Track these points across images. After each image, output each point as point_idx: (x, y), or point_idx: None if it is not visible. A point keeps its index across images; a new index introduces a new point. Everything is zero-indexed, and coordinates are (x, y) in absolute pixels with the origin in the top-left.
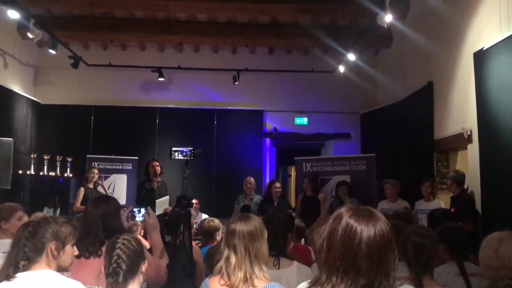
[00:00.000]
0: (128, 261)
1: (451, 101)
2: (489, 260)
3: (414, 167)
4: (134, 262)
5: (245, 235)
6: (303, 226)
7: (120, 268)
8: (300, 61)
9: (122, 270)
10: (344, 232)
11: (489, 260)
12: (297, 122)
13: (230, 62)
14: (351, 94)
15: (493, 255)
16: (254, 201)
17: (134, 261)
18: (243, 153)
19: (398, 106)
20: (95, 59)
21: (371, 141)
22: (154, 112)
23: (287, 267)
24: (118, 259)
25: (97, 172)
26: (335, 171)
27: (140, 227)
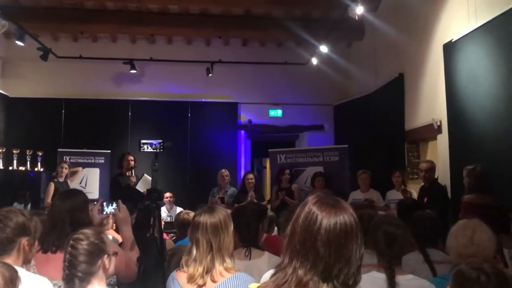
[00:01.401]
0: (83, 259)
1: (421, 92)
2: (463, 248)
3: (386, 158)
4: (91, 259)
5: (208, 228)
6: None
7: (74, 268)
8: (274, 53)
9: (76, 270)
10: (306, 217)
11: (462, 248)
12: (272, 114)
13: (203, 54)
14: (324, 86)
15: (468, 243)
16: (228, 194)
17: (90, 259)
18: (217, 145)
19: (370, 97)
20: (66, 51)
21: (344, 132)
22: (126, 105)
23: (258, 258)
24: (71, 258)
25: (66, 167)
26: (309, 163)
27: (112, 220)
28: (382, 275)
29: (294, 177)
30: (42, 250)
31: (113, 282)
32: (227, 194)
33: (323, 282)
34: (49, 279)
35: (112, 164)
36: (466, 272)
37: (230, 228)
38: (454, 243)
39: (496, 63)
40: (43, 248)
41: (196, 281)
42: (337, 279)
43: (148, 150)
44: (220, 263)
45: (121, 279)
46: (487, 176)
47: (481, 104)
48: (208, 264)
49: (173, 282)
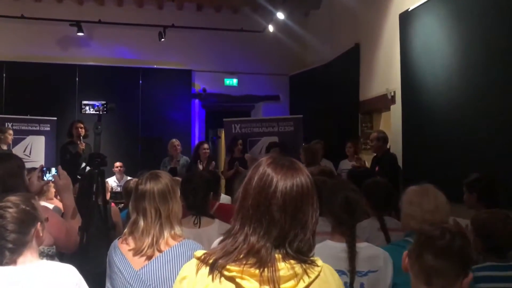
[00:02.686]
0: (13, 229)
1: (376, 62)
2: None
3: (339, 128)
4: (23, 228)
5: (156, 196)
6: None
7: (4, 239)
8: (229, 19)
9: (6, 241)
10: (260, 179)
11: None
12: (227, 83)
13: (156, 18)
14: (281, 55)
15: (434, 209)
16: (181, 163)
17: (22, 228)
18: (170, 114)
19: (326, 68)
20: (5, 9)
21: (299, 103)
22: (73, 70)
23: (207, 226)
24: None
25: (11, 133)
26: (264, 132)
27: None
28: (338, 244)
29: (249, 147)
30: None
31: (52, 253)
32: (179, 164)
33: (275, 249)
34: None
35: (58, 132)
36: (430, 231)
37: (177, 194)
38: (418, 211)
39: (450, 33)
40: None
41: (143, 252)
42: (291, 245)
43: (90, 112)
44: (169, 231)
45: (61, 249)
46: None
47: (434, 75)
48: (157, 233)
49: (115, 252)
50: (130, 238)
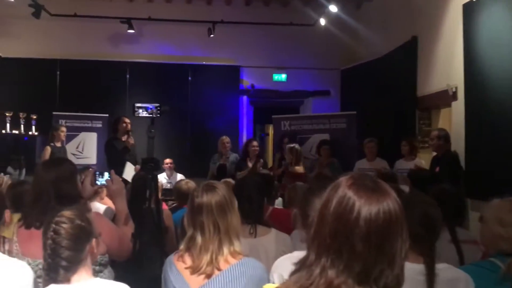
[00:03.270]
0: (68, 246)
1: (436, 56)
2: None
3: (395, 126)
4: (78, 245)
5: (214, 209)
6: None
7: (58, 257)
8: (278, 13)
9: (60, 258)
10: (339, 204)
11: None
12: (275, 78)
13: (204, 14)
14: (331, 49)
15: None
16: (230, 160)
17: (77, 245)
18: (219, 111)
19: (380, 61)
20: (60, 8)
21: (351, 98)
22: (124, 67)
23: (264, 235)
24: (54, 246)
25: (64, 130)
26: (314, 130)
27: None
28: (414, 266)
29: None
30: (25, 225)
31: (104, 261)
32: (228, 161)
33: (359, 286)
34: (32, 258)
35: (110, 128)
36: None
37: (235, 205)
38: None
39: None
40: (26, 223)
41: (202, 270)
42: (377, 282)
43: (144, 114)
44: (228, 247)
45: (114, 257)
46: None
47: (502, 70)
48: (216, 250)
49: (171, 270)
50: (186, 255)
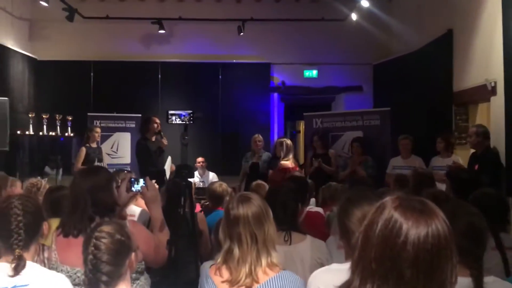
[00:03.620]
0: (109, 261)
1: (473, 50)
2: None
3: (430, 122)
4: (118, 260)
5: (251, 220)
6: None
7: (99, 272)
8: (309, 9)
9: (101, 273)
10: (385, 227)
11: None
12: (306, 75)
13: (234, 12)
14: (363, 43)
15: None
16: (263, 159)
17: (118, 260)
18: (249, 109)
19: (414, 56)
20: (92, 10)
21: (384, 94)
22: (155, 67)
23: (299, 242)
24: (95, 261)
25: (98, 131)
26: (347, 127)
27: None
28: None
29: (331, 142)
30: (63, 233)
31: (141, 269)
32: (261, 159)
33: None
34: (70, 266)
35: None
36: None
37: (271, 215)
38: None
39: None
40: (64, 231)
41: (240, 283)
42: None
43: (177, 122)
44: (266, 258)
45: (150, 264)
46: None
47: None
48: (254, 261)
49: (207, 283)
50: (224, 268)
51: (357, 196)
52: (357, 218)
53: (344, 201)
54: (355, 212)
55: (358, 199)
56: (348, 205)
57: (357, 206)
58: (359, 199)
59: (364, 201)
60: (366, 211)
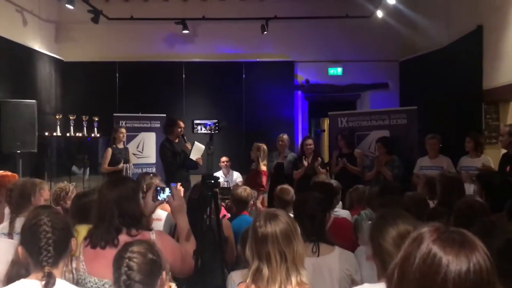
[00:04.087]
0: (141, 280)
1: (503, 46)
2: None
3: (459, 120)
4: (150, 280)
5: (279, 238)
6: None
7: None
8: (333, 6)
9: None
10: (424, 262)
11: None
12: (331, 72)
13: (257, 10)
14: (389, 40)
15: None
16: (288, 159)
17: (150, 279)
18: (273, 107)
19: (442, 52)
20: (117, 12)
21: (411, 91)
22: (180, 67)
23: (327, 254)
24: (129, 282)
25: (124, 132)
26: (373, 126)
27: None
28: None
29: (357, 142)
30: (91, 245)
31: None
32: (286, 159)
33: None
34: (98, 277)
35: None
36: None
37: (299, 231)
38: None
39: None
40: (92, 242)
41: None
42: None
43: (202, 131)
44: (295, 277)
45: (177, 274)
46: None
47: None
48: (284, 279)
49: None
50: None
51: (392, 214)
52: (392, 238)
53: (378, 219)
54: (390, 231)
55: (393, 217)
56: (383, 223)
57: (393, 225)
58: (394, 217)
59: (400, 220)
60: (402, 230)
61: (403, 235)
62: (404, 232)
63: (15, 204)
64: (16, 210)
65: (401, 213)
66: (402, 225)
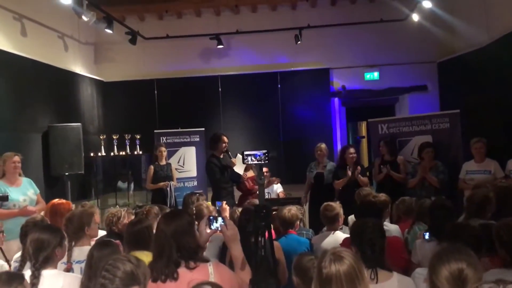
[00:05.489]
0: None
1: None
2: None
3: (506, 122)
4: None
5: (343, 280)
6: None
7: None
8: (365, 10)
9: None
10: None
11: None
12: (367, 77)
13: (290, 20)
14: (425, 41)
15: None
16: (327, 169)
17: None
18: (310, 115)
19: (482, 52)
20: (152, 31)
21: (451, 92)
22: (215, 81)
23: (386, 281)
24: None
25: (164, 150)
26: (415, 132)
27: None
28: None
29: (399, 148)
30: (152, 278)
31: None
32: (326, 169)
33: None
34: None
35: (207, 142)
36: None
37: (364, 273)
38: None
39: None
40: (152, 277)
41: None
42: None
43: (253, 162)
44: None
45: None
46: None
47: None
48: None
49: None
50: None
51: (446, 251)
52: (445, 277)
53: (433, 256)
54: (443, 271)
55: (446, 254)
56: (436, 262)
57: (445, 264)
58: (447, 254)
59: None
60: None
61: (454, 274)
62: (455, 271)
63: (72, 234)
64: (72, 240)
65: (456, 248)
66: (455, 263)
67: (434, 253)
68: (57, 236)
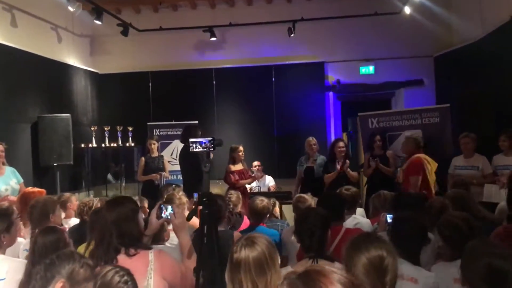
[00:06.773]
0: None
1: None
2: None
3: (497, 117)
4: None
5: (251, 266)
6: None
7: None
8: (360, 4)
9: None
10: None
11: None
12: (363, 71)
13: (285, 13)
14: (421, 35)
15: None
16: (318, 163)
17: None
18: (304, 109)
19: (476, 46)
20: (148, 23)
21: (447, 87)
22: (210, 74)
23: None
24: None
25: (154, 143)
26: (405, 126)
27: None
28: None
29: (389, 142)
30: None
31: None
32: (316, 163)
33: None
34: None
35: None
36: None
37: (277, 261)
38: None
39: None
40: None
41: None
42: None
43: (198, 149)
44: None
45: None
46: None
47: None
48: None
49: None
50: None
51: (364, 238)
52: (363, 265)
53: (350, 244)
54: (361, 258)
55: (364, 242)
56: (353, 250)
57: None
58: (365, 241)
59: (372, 245)
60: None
61: (375, 262)
62: (376, 258)
63: (36, 222)
64: (36, 227)
65: (374, 237)
66: (374, 251)
67: (349, 241)
68: (4, 222)
